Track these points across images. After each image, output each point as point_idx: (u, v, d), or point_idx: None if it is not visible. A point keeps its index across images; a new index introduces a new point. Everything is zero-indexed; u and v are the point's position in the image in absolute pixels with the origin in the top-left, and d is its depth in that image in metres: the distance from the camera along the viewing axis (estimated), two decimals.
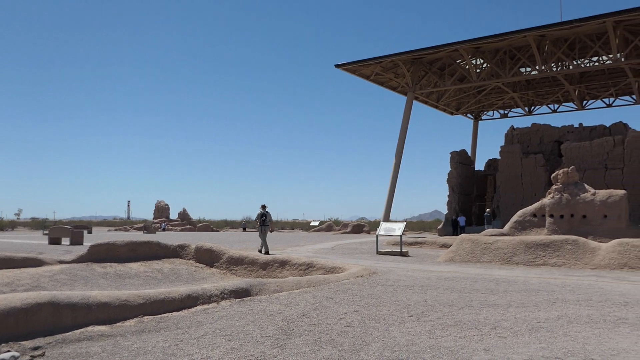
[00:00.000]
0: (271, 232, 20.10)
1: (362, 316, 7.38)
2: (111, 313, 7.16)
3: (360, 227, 47.75)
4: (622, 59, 32.08)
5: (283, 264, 14.60)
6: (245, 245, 25.71)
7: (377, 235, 21.19)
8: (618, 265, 14.02)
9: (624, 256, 14.18)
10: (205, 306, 8.20)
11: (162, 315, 7.55)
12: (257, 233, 19.76)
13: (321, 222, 58.16)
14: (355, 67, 37.85)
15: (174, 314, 7.67)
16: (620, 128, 37.85)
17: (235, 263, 15.39)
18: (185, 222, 59.31)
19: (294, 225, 71.83)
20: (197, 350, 5.57)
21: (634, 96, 44.36)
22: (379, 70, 38.29)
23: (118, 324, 7.00)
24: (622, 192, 17.81)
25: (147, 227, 48.58)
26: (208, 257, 15.82)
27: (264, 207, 19.52)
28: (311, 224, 58.76)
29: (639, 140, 33.21)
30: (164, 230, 52.33)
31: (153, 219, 61.38)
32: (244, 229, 59.57)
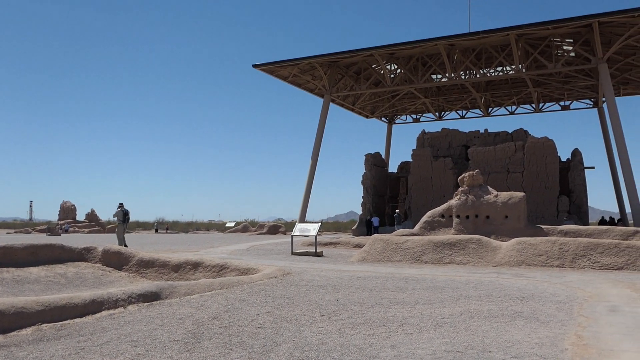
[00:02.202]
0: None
1: (274, 317, 7.38)
2: (5, 321, 6.69)
3: (277, 228, 47.76)
4: (523, 70, 34.30)
5: (196, 265, 14.29)
6: (157, 247, 24.96)
7: (292, 236, 21.28)
8: (517, 263, 14.97)
9: (522, 254, 15.16)
10: (111, 311, 7.86)
11: (63, 322, 7.15)
12: (117, 231, 21.58)
13: (237, 223, 57.56)
14: (273, 68, 37.81)
15: (77, 320, 7.28)
16: (521, 134, 40.42)
17: (146, 266, 14.86)
18: (94, 223, 56.52)
19: (209, 227, 70.54)
20: (100, 358, 5.33)
21: (533, 105, 47.57)
22: (296, 72, 38.49)
23: (13, 333, 6.55)
24: (521, 194, 19.02)
25: (51, 229, 45.87)
26: (116, 260, 15.17)
27: (122, 205, 21.37)
28: (227, 225, 58.03)
29: (537, 146, 35.63)
30: (66, 231, 49.62)
31: (58, 220, 58.05)
32: (157, 230, 57.77)
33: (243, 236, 42.19)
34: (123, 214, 21.11)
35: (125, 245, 20.30)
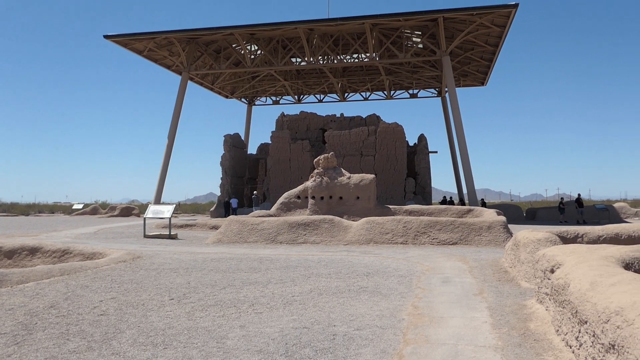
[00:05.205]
0: None
1: (119, 303, 7.02)
2: None
3: (130, 210, 45.45)
4: (377, 58, 36.02)
5: (33, 251, 13.11)
6: None
7: (144, 218, 20.41)
8: (365, 241, 15.82)
9: (370, 232, 16.05)
10: None
11: None
12: None
13: (86, 205, 53.76)
14: (127, 40, 35.61)
15: None
16: (374, 119, 42.56)
17: None
18: None
19: (54, 209, 65.00)
20: None
21: (385, 92, 50.28)
22: (152, 46, 36.63)
23: None
24: (372, 176, 20.08)
25: None
26: None
27: None
28: (74, 207, 53.93)
29: (388, 131, 37.78)
30: None
31: None
32: None
33: (92, 219, 39.55)
34: None
35: None
